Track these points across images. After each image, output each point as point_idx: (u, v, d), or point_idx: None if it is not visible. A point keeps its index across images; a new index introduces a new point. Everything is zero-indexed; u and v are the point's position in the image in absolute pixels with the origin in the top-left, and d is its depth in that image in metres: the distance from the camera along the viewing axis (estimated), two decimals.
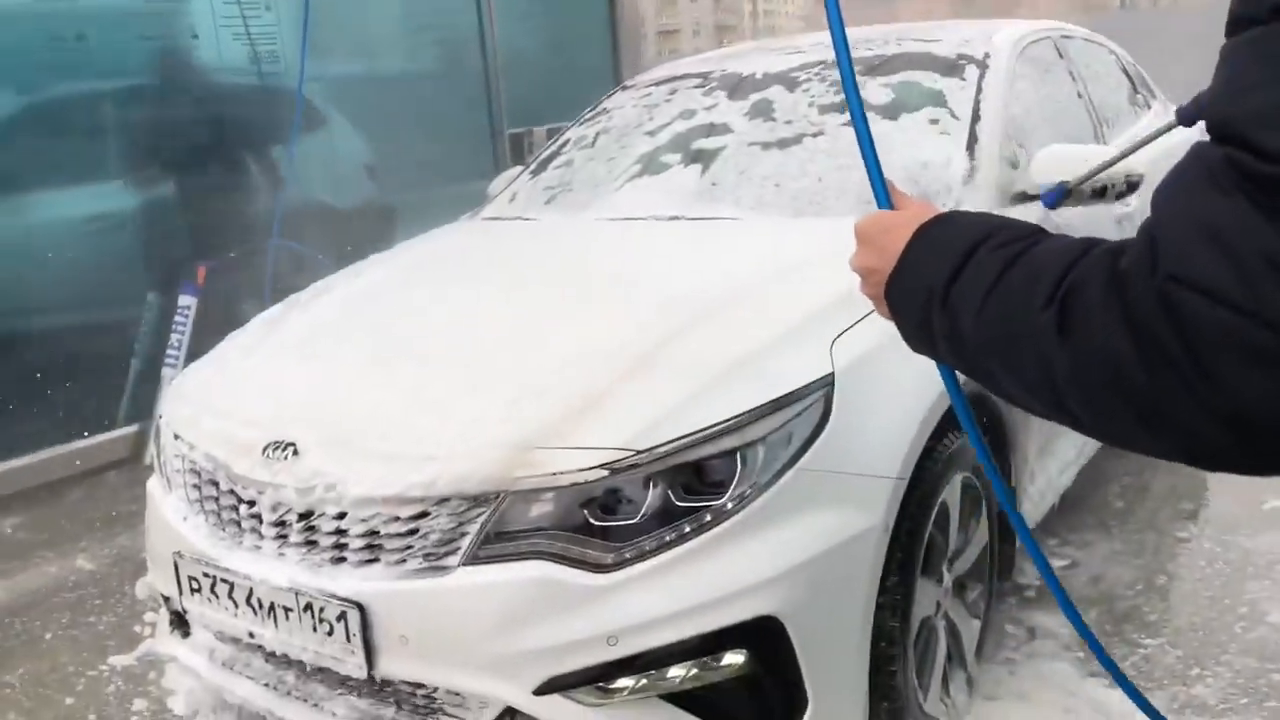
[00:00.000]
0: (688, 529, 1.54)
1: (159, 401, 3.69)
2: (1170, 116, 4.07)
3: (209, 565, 1.80)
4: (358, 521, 1.63)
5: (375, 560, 1.62)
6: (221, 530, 1.82)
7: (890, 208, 1.02)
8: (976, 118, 2.45)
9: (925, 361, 1.81)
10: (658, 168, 2.68)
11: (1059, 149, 2.30)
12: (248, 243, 4.34)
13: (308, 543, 1.68)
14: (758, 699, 1.60)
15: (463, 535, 1.57)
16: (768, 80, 2.80)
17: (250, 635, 1.76)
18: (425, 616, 1.58)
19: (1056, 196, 1.17)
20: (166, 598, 2.00)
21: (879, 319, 1.77)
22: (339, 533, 1.65)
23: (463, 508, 1.57)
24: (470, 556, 1.56)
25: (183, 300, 4.07)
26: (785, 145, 2.54)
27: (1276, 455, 0.65)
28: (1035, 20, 3.14)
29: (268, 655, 1.79)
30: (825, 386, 1.66)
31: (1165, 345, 0.64)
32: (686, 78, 3.07)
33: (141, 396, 4.07)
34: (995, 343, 0.77)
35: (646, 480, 1.55)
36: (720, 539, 1.54)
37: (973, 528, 2.05)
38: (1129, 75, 3.77)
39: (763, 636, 1.55)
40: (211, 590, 1.80)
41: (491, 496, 1.56)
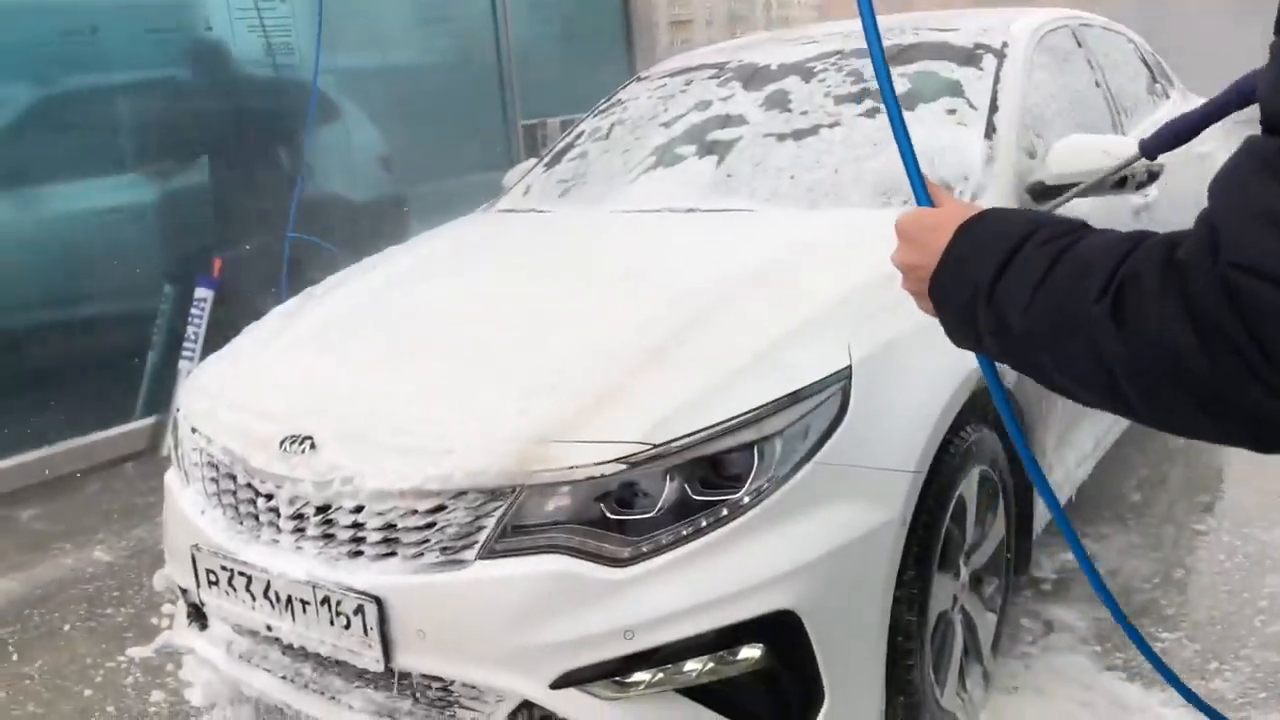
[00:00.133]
0: (704, 523, 1.54)
1: (176, 394, 3.71)
2: (1185, 106, 4.05)
3: (227, 558, 1.80)
4: (375, 515, 1.63)
5: (392, 554, 1.63)
6: (239, 523, 1.83)
7: (930, 205, 1.03)
8: (994, 108, 2.43)
9: (942, 354, 1.82)
10: (673, 159, 2.67)
11: (1077, 139, 2.28)
12: (263, 235, 4.36)
13: (325, 536, 1.69)
14: (774, 693, 1.59)
15: (479, 529, 1.57)
16: (783, 71, 2.78)
17: (268, 628, 1.77)
18: (442, 610, 1.58)
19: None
20: (184, 590, 2.01)
21: (896, 312, 1.80)
22: (356, 526, 1.66)
23: (479, 501, 1.57)
24: (487, 550, 1.56)
25: (199, 292, 4.09)
26: (801, 136, 2.52)
27: None
28: (1053, 8, 3.10)
29: (285, 648, 1.80)
30: (843, 379, 1.65)
31: (1228, 332, 0.65)
32: (701, 68, 3.05)
33: (159, 389, 4.09)
34: (1045, 336, 0.78)
35: (663, 474, 1.55)
36: (737, 533, 1.54)
37: (990, 521, 2.04)
38: (1147, 64, 3.73)
39: (779, 631, 1.55)
40: (229, 583, 1.80)
41: (508, 490, 1.56)
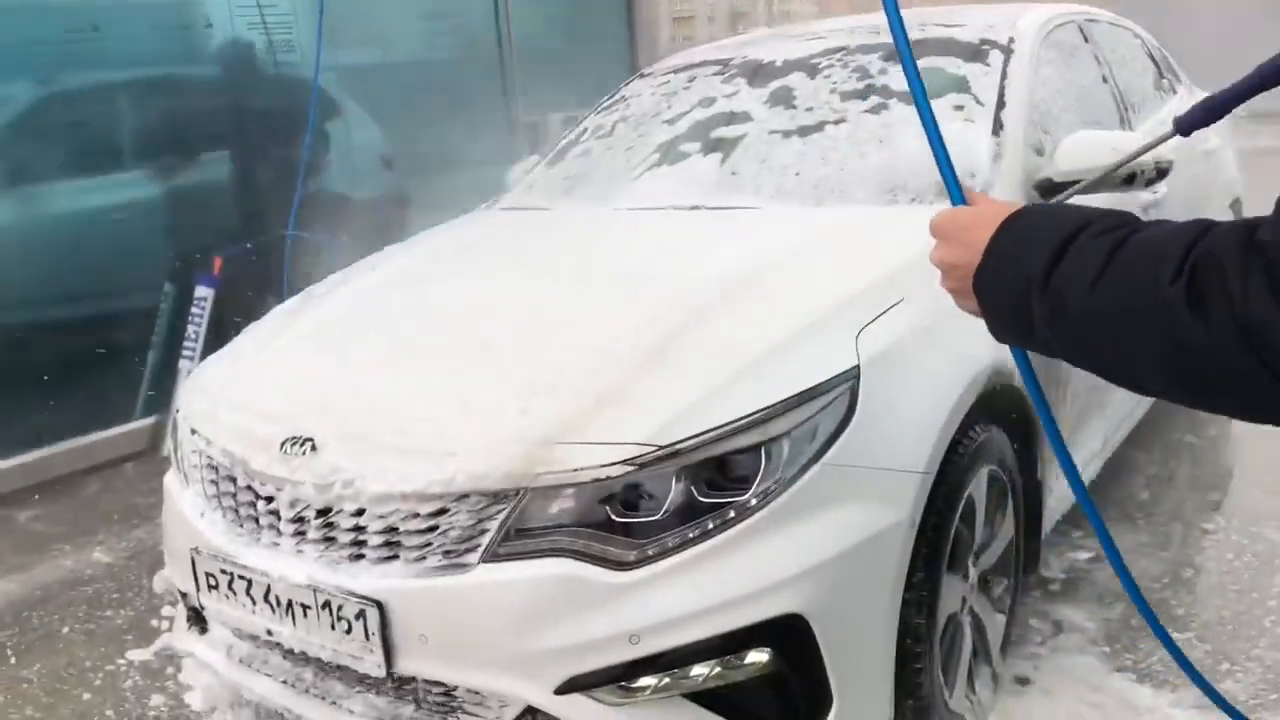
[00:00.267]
0: (711, 525, 1.52)
1: (176, 394, 3.69)
2: (1192, 101, 4.03)
3: (226, 562, 1.78)
4: (376, 518, 1.61)
5: (394, 557, 1.61)
6: (239, 526, 1.81)
7: (964, 203, 1.05)
8: (1001, 104, 2.41)
9: (951, 352, 1.81)
10: (677, 157, 2.65)
11: (1086, 136, 2.26)
12: (263, 233, 4.34)
13: (326, 539, 1.67)
14: (782, 697, 1.57)
15: (483, 532, 1.55)
16: (788, 67, 2.76)
17: (268, 632, 1.75)
18: (445, 614, 1.56)
19: None
20: (184, 594, 2.00)
21: (904, 310, 1.78)
22: (358, 529, 1.64)
23: (483, 504, 1.55)
24: (490, 554, 1.54)
25: (199, 291, 4.06)
26: (806, 133, 2.50)
27: None
28: (1059, 3, 3.08)
29: (286, 652, 1.78)
30: (851, 379, 1.63)
31: None
32: (705, 65, 3.03)
33: (159, 388, 4.08)
34: (1110, 322, 0.78)
35: (670, 476, 1.52)
36: (744, 535, 1.52)
37: (999, 521, 2.02)
38: (1154, 59, 3.71)
39: (787, 634, 1.53)
40: (229, 587, 1.78)
41: (512, 493, 1.54)
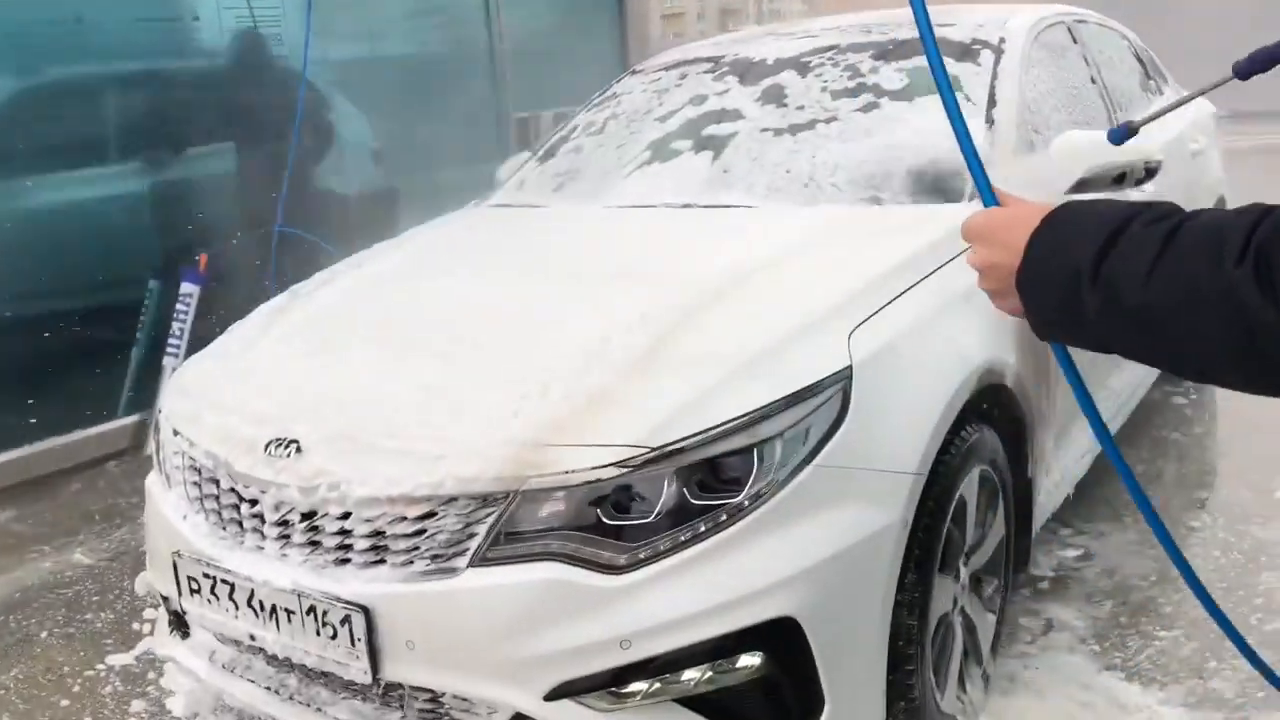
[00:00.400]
0: (703, 528, 1.50)
1: (160, 392, 3.65)
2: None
3: (209, 566, 1.76)
4: (362, 522, 1.59)
5: (381, 561, 1.58)
6: (222, 529, 1.78)
7: (996, 204, 1.05)
8: (992, 103, 2.41)
9: (943, 352, 1.80)
10: (668, 154, 2.63)
11: (1077, 135, 2.26)
12: (250, 229, 4.30)
13: (311, 543, 1.64)
14: (774, 701, 1.56)
15: (471, 536, 1.53)
16: (779, 65, 2.75)
17: (251, 638, 1.72)
18: (432, 620, 1.54)
19: (1122, 134, 1.19)
20: (165, 598, 1.97)
21: (896, 310, 1.77)
22: (343, 533, 1.61)
23: (471, 508, 1.53)
24: (479, 558, 1.52)
25: (185, 288, 4.01)
26: (798, 131, 2.49)
27: None
28: (1048, 4, 3.09)
29: (269, 658, 1.75)
30: (843, 379, 1.62)
31: None
32: (696, 62, 3.01)
33: (143, 386, 4.03)
34: (1172, 308, 0.78)
35: (662, 478, 1.51)
36: (736, 538, 1.50)
37: (989, 521, 2.02)
38: (1141, 60, 3.72)
39: (779, 638, 1.52)
40: (212, 591, 1.76)
41: (501, 496, 1.52)
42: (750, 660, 1.52)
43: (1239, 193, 3.81)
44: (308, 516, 1.64)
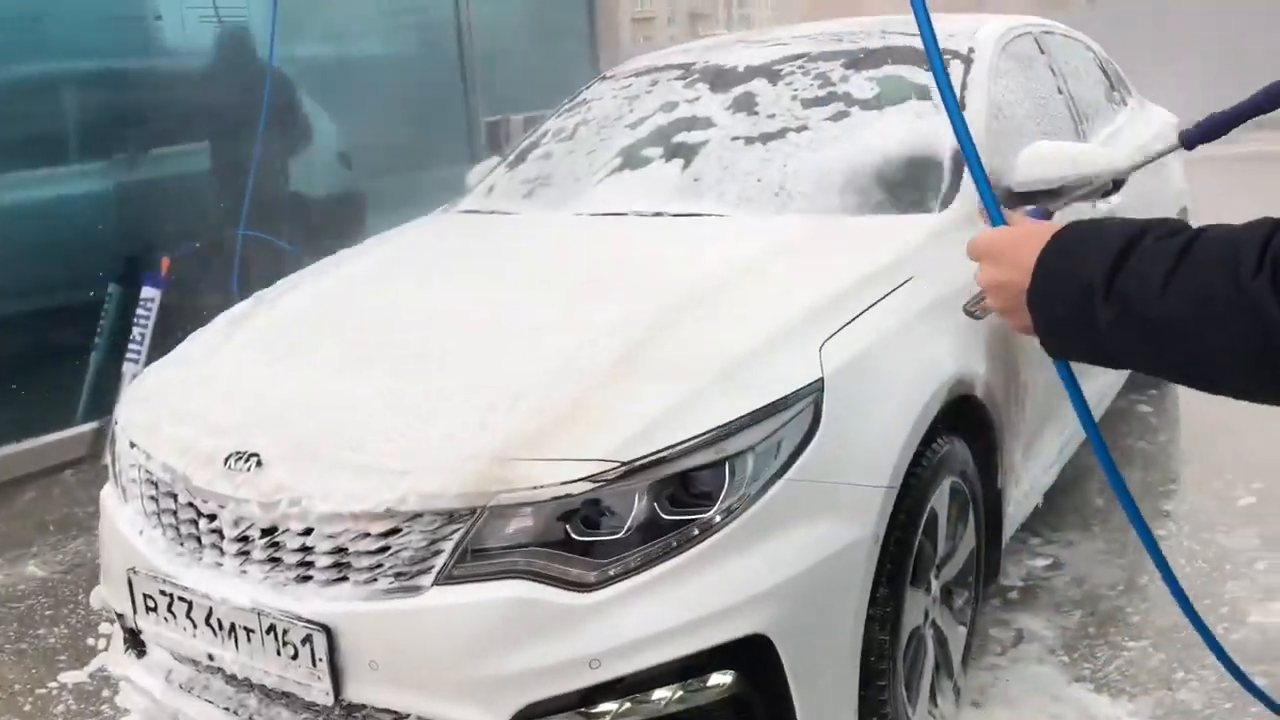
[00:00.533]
0: (674, 544, 1.48)
1: (119, 400, 3.57)
2: (1143, 114, 4.03)
3: (166, 583, 1.71)
4: (324, 538, 1.55)
5: (343, 579, 1.54)
6: (180, 545, 1.73)
7: (1003, 224, 1.06)
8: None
9: (914, 364, 1.80)
10: (639, 162, 2.61)
11: (1045, 146, 2.26)
12: (214, 232, 4.22)
13: (271, 560, 1.60)
14: (745, 719, 1.54)
15: (436, 553, 1.49)
16: (750, 73, 2.74)
17: (209, 657, 1.67)
18: (396, 639, 1.50)
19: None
20: (120, 615, 1.91)
21: (867, 321, 1.76)
22: (305, 550, 1.57)
23: (437, 524, 1.49)
24: (444, 575, 1.49)
25: (146, 292, 3.93)
26: (769, 140, 2.48)
27: None
28: (1015, 15, 3.11)
29: (228, 678, 1.71)
30: (815, 392, 1.61)
31: None
32: (667, 69, 3.00)
33: (102, 392, 3.94)
34: (1188, 319, 0.79)
35: (632, 493, 1.48)
36: (708, 554, 1.48)
37: (960, 533, 2.02)
38: (1105, 72, 3.76)
39: (751, 655, 1.50)
40: (169, 609, 1.71)
41: (468, 512, 1.48)
42: (722, 679, 1.49)
43: (1202, 204, 3.86)
44: (268, 532, 1.60)
